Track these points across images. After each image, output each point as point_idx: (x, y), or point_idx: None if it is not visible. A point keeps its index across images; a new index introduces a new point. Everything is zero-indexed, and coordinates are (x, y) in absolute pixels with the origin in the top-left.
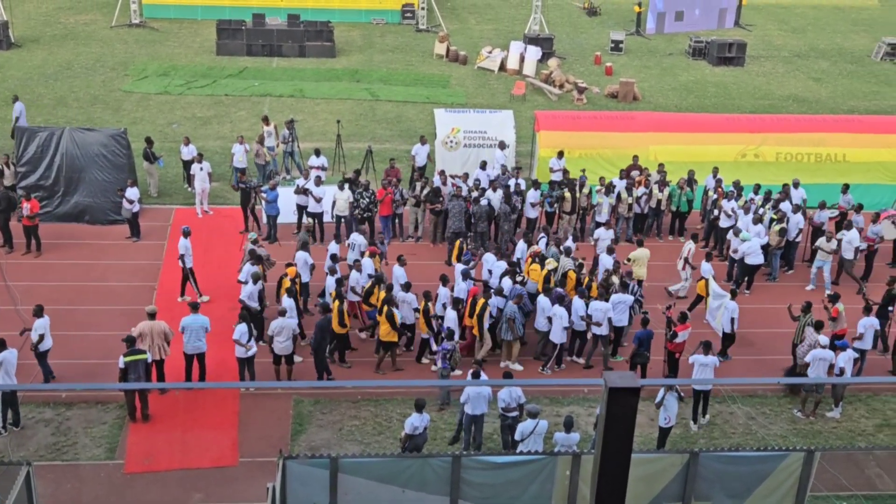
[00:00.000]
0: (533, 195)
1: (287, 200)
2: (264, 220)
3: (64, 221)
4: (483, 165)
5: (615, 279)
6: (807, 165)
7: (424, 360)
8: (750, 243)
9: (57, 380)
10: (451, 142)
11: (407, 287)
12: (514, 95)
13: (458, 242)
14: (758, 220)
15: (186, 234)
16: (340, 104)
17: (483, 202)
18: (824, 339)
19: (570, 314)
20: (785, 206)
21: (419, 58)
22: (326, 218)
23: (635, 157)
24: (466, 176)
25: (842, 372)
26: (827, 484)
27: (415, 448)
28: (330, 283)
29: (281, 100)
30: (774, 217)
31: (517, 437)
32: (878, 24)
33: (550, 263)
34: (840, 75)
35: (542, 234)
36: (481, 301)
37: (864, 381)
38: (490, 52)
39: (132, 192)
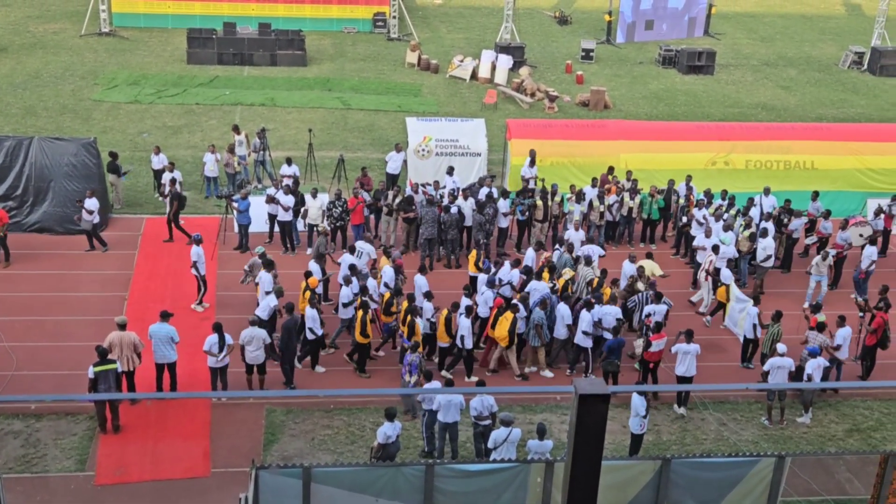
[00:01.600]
0: (503, 204)
1: (259, 210)
2: (235, 229)
3: (33, 231)
4: (450, 171)
5: (640, 286)
6: (776, 173)
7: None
8: (722, 249)
9: (26, 391)
10: (423, 150)
11: (429, 297)
12: (486, 104)
13: (473, 251)
14: (728, 226)
15: (198, 241)
16: (312, 113)
17: (453, 209)
18: (782, 347)
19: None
20: (753, 213)
21: (391, 66)
22: (299, 227)
23: (611, 168)
24: (437, 184)
25: (809, 379)
26: (798, 489)
27: (388, 457)
28: (345, 292)
29: (252, 108)
30: (744, 223)
31: (490, 444)
32: (845, 32)
33: (567, 273)
34: (808, 83)
35: (558, 245)
36: (510, 315)
37: (829, 386)
38: (461, 61)
39: (91, 203)
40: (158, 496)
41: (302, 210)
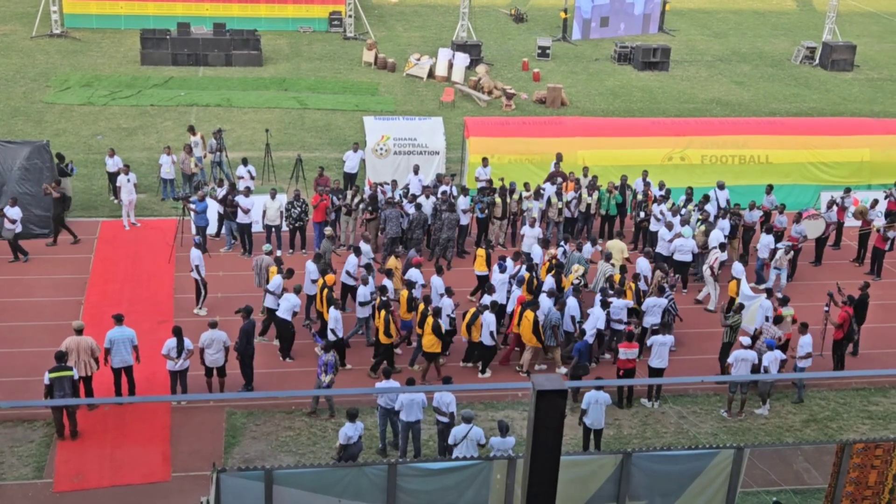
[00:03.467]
0: (463, 202)
1: (215, 212)
2: (193, 231)
3: None
4: (416, 170)
5: (666, 283)
6: (731, 167)
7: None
8: (682, 241)
9: None
10: (381, 149)
11: (449, 293)
12: (443, 102)
13: (479, 251)
14: (685, 221)
15: (199, 245)
16: (268, 113)
17: (419, 209)
18: (746, 339)
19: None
20: (710, 208)
21: (347, 66)
22: (257, 228)
23: (559, 155)
24: (395, 183)
25: (766, 371)
26: (757, 480)
27: (350, 458)
28: (362, 291)
29: (208, 109)
30: (700, 218)
31: (450, 441)
32: (797, 28)
33: (578, 270)
34: (761, 79)
35: (562, 241)
36: (531, 315)
37: (786, 377)
38: (418, 60)
39: (13, 212)
40: (119, 502)
41: (262, 211)
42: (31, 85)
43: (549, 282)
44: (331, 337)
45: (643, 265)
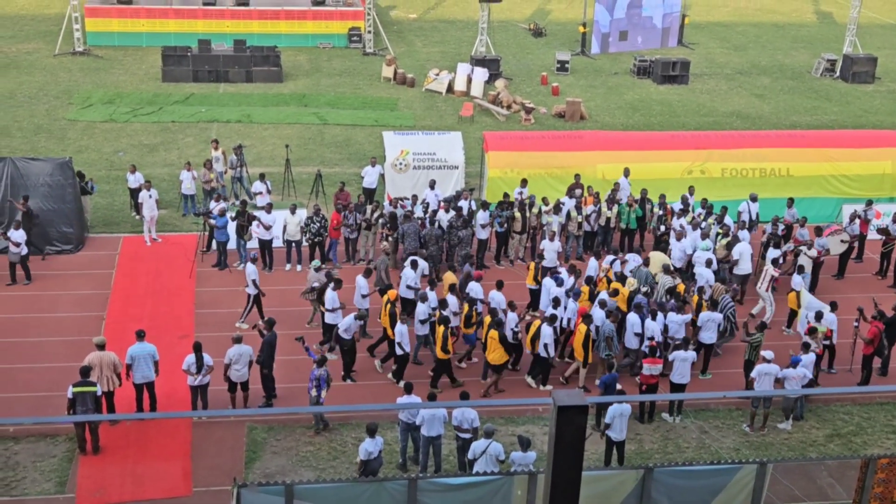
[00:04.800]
0: (482, 216)
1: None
2: (213, 246)
3: (6, 252)
4: (432, 185)
5: (726, 294)
6: (752, 180)
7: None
8: (698, 254)
9: (3, 414)
10: (401, 164)
11: (512, 307)
12: (462, 117)
13: (531, 264)
14: (705, 234)
15: (255, 260)
16: (288, 129)
17: (435, 224)
18: (769, 353)
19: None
20: (729, 221)
21: (366, 81)
22: (277, 243)
23: (577, 176)
24: (416, 198)
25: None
26: (780, 495)
27: (371, 473)
28: (421, 309)
29: (228, 125)
30: (720, 231)
31: (469, 455)
32: (818, 40)
33: (632, 284)
34: (782, 91)
35: (611, 255)
36: (583, 328)
37: (809, 392)
38: (437, 75)
39: (17, 235)
40: None
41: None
42: (54, 102)
43: (602, 294)
44: (398, 351)
45: (706, 273)
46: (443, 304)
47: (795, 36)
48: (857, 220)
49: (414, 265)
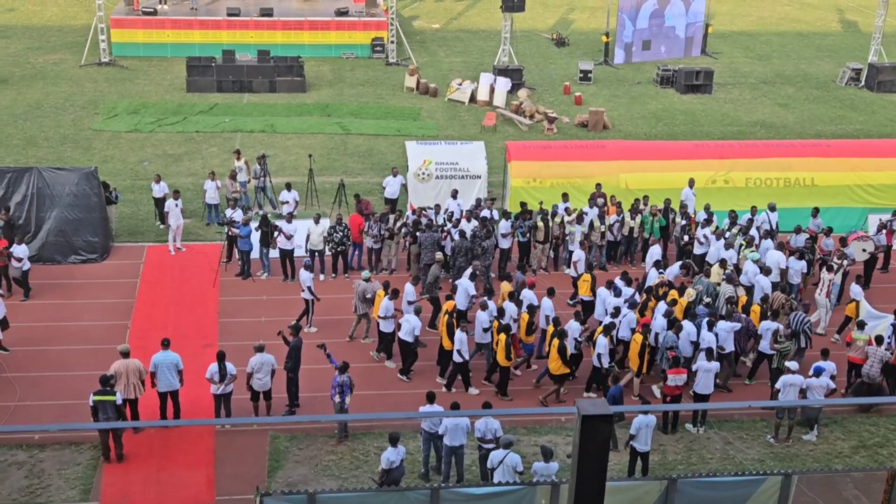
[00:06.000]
0: (504, 225)
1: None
2: (236, 255)
3: (34, 261)
4: (454, 194)
5: (794, 302)
6: (776, 190)
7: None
8: (749, 264)
9: (29, 422)
10: (423, 174)
11: (577, 317)
12: (485, 126)
13: (585, 276)
14: (729, 245)
15: (309, 267)
16: (312, 138)
17: (456, 234)
18: (794, 364)
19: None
20: (754, 231)
21: (389, 91)
22: (300, 252)
23: (598, 185)
24: (438, 207)
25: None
26: None
27: (392, 482)
28: (483, 317)
29: (252, 135)
30: (744, 242)
31: (488, 465)
32: (842, 49)
33: (690, 294)
34: (806, 100)
35: (657, 264)
36: (639, 338)
37: (834, 403)
38: (460, 84)
39: (20, 250)
40: None
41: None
42: (80, 112)
43: (661, 305)
44: (457, 359)
45: (764, 283)
46: (501, 312)
47: (820, 45)
48: (884, 231)
49: (473, 276)
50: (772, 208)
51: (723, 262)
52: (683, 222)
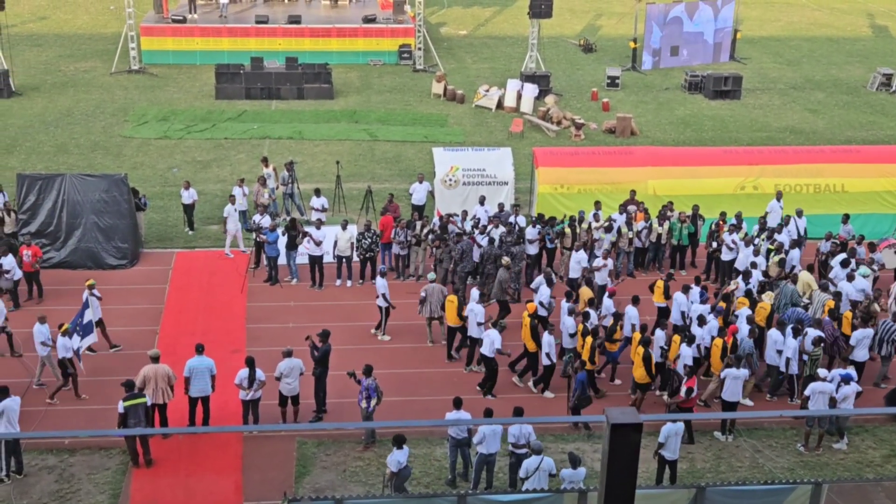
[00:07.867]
0: (531, 232)
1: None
2: (264, 261)
3: (65, 268)
4: (482, 201)
5: (876, 307)
6: (806, 196)
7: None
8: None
9: (59, 427)
10: (450, 180)
11: (663, 326)
12: (512, 133)
13: (658, 282)
14: (757, 251)
15: (384, 274)
16: (339, 145)
17: (485, 241)
18: (824, 371)
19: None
20: (782, 237)
21: (417, 97)
22: (328, 259)
23: (632, 192)
24: (465, 213)
25: (833, 403)
26: None
27: (402, 482)
28: (569, 322)
29: (280, 142)
30: (772, 248)
31: (521, 474)
32: (873, 54)
33: (769, 298)
34: (836, 106)
35: (739, 275)
36: (719, 342)
37: (865, 412)
38: (487, 91)
39: (7, 261)
40: None
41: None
42: (111, 119)
43: (744, 311)
44: (545, 361)
45: (849, 288)
46: (585, 316)
47: (850, 50)
48: None
49: (549, 282)
50: (799, 214)
51: (810, 268)
52: (713, 229)
